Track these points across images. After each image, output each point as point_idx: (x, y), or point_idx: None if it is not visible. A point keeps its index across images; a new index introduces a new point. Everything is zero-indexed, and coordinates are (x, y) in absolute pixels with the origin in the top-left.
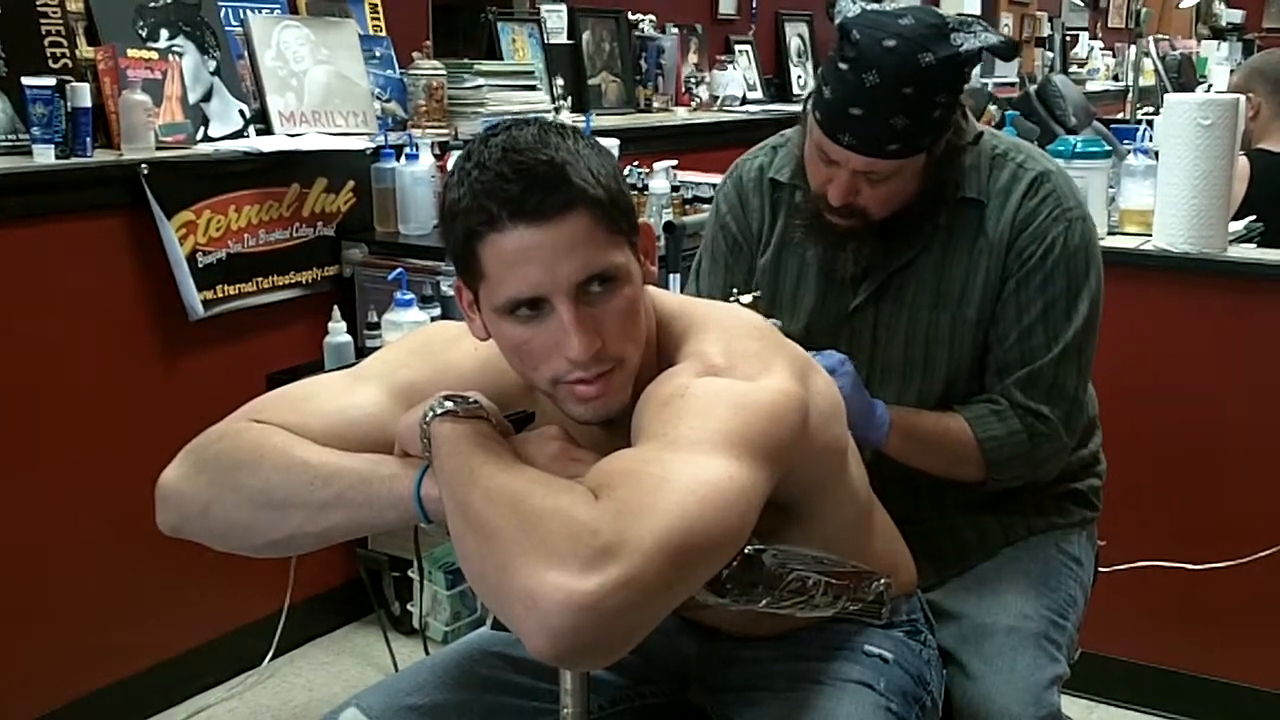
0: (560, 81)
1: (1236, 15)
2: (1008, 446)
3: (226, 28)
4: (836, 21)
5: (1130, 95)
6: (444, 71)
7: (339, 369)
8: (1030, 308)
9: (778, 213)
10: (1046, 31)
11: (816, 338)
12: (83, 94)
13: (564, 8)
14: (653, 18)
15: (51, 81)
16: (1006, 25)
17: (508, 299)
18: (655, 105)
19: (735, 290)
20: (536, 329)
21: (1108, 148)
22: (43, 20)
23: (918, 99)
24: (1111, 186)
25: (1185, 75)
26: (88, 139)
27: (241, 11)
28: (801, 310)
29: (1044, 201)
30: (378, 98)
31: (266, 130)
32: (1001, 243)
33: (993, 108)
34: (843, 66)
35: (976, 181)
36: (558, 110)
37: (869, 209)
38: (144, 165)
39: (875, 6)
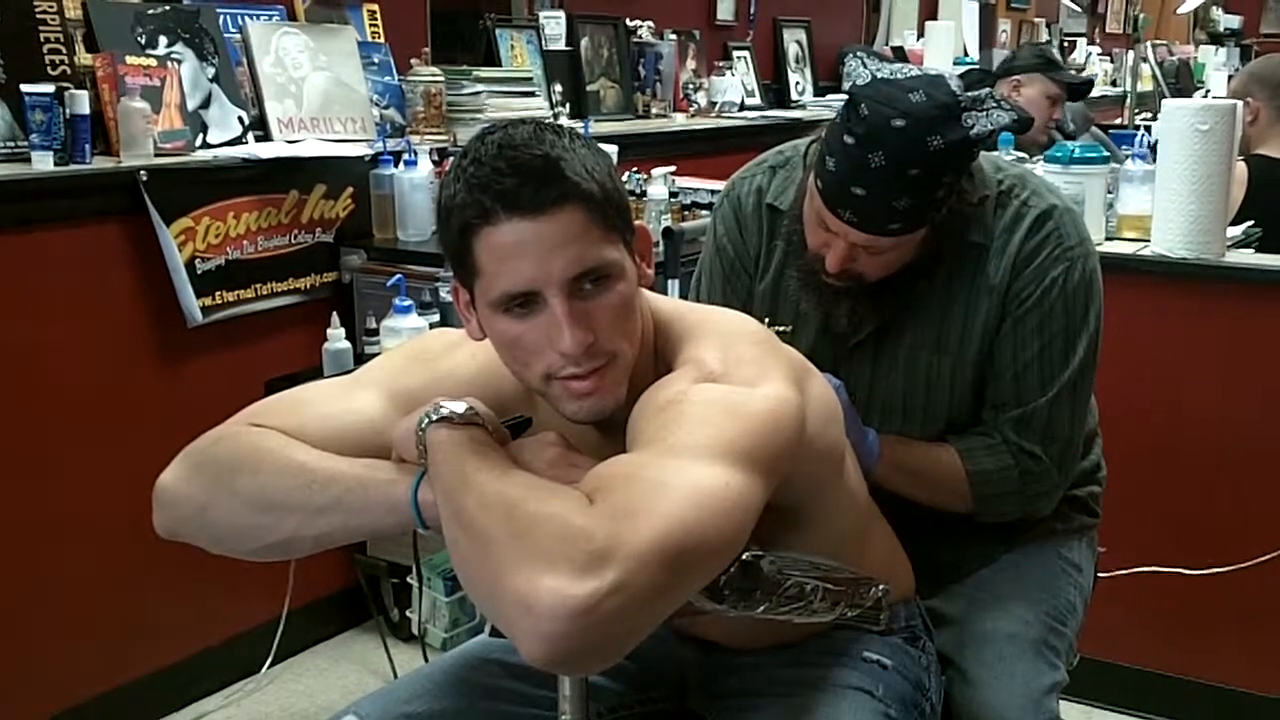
0: (559, 88)
1: (1234, 21)
2: (996, 482)
3: (225, 35)
4: (845, 86)
5: (1128, 101)
6: (442, 78)
7: (337, 375)
8: (1026, 348)
9: (775, 238)
10: (1044, 37)
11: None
12: (81, 101)
13: (562, 14)
14: (651, 24)
15: (50, 89)
16: (1004, 32)
17: (502, 293)
18: (654, 111)
19: (766, 320)
20: (529, 324)
21: (1106, 153)
22: (41, 28)
23: (923, 180)
24: (1110, 192)
25: (1183, 80)
26: (86, 146)
27: (240, 18)
28: (801, 342)
29: (1045, 240)
30: (376, 104)
31: (265, 137)
32: (1002, 284)
33: None
34: (848, 140)
35: (981, 224)
36: (556, 116)
37: (866, 274)
38: (143, 172)
39: (886, 74)
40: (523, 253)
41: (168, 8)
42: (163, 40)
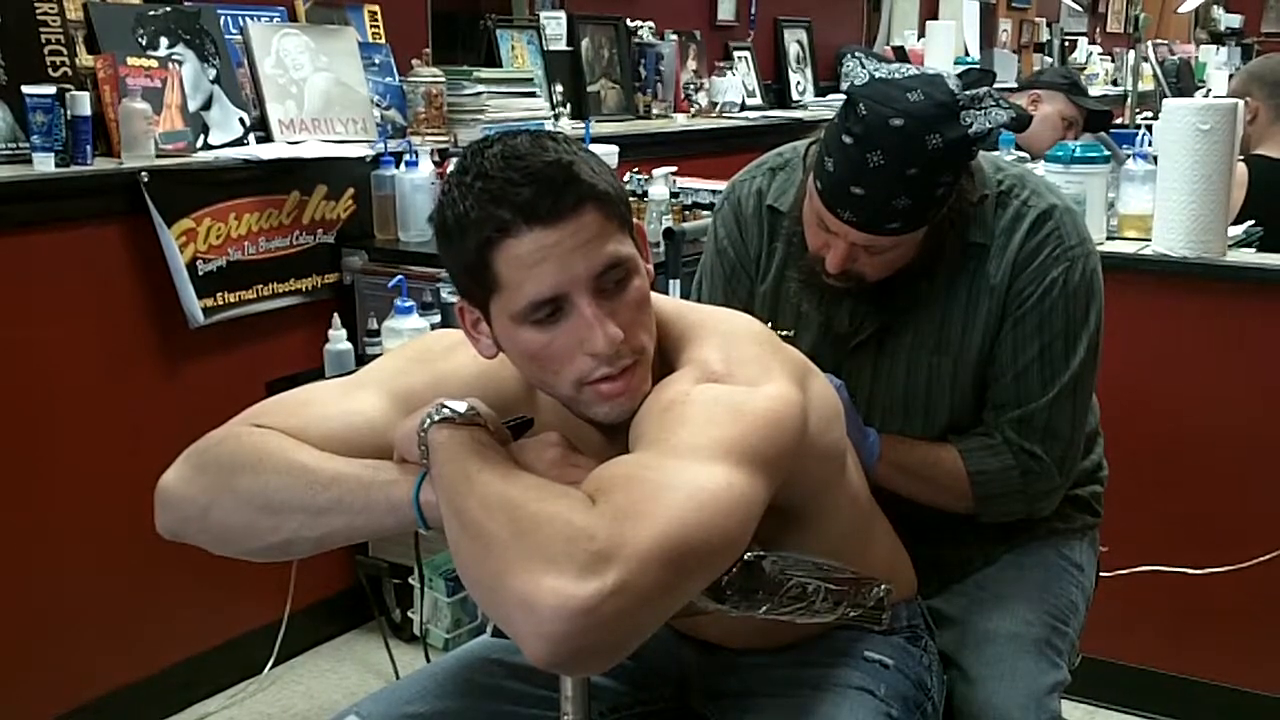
0: (559, 88)
1: (1235, 20)
2: (998, 482)
3: (226, 36)
4: (844, 87)
5: (1129, 100)
6: (443, 79)
7: (339, 376)
8: (1026, 349)
9: (775, 240)
10: (1045, 37)
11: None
12: (83, 102)
13: (563, 14)
14: (651, 24)
15: (51, 90)
16: (1005, 31)
17: (528, 302)
18: (654, 112)
19: (769, 323)
20: (556, 331)
21: (1107, 153)
22: (42, 29)
23: (922, 179)
24: (1111, 192)
25: (1184, 80)
26: (88, 147)
27: (241, 19)
28: (802, 342)
29: (1046, 240)
30: (377, 105)
31: (266, 138)
32: (1002, 284)
33: None
34: (847, 140)
35: (981, 224)
36: (557, 117)
37: (866, 274)
38: (144, 173)
39: (884, 74)
40: (546, 260)
41: (169, 9)
42: (164, 41)
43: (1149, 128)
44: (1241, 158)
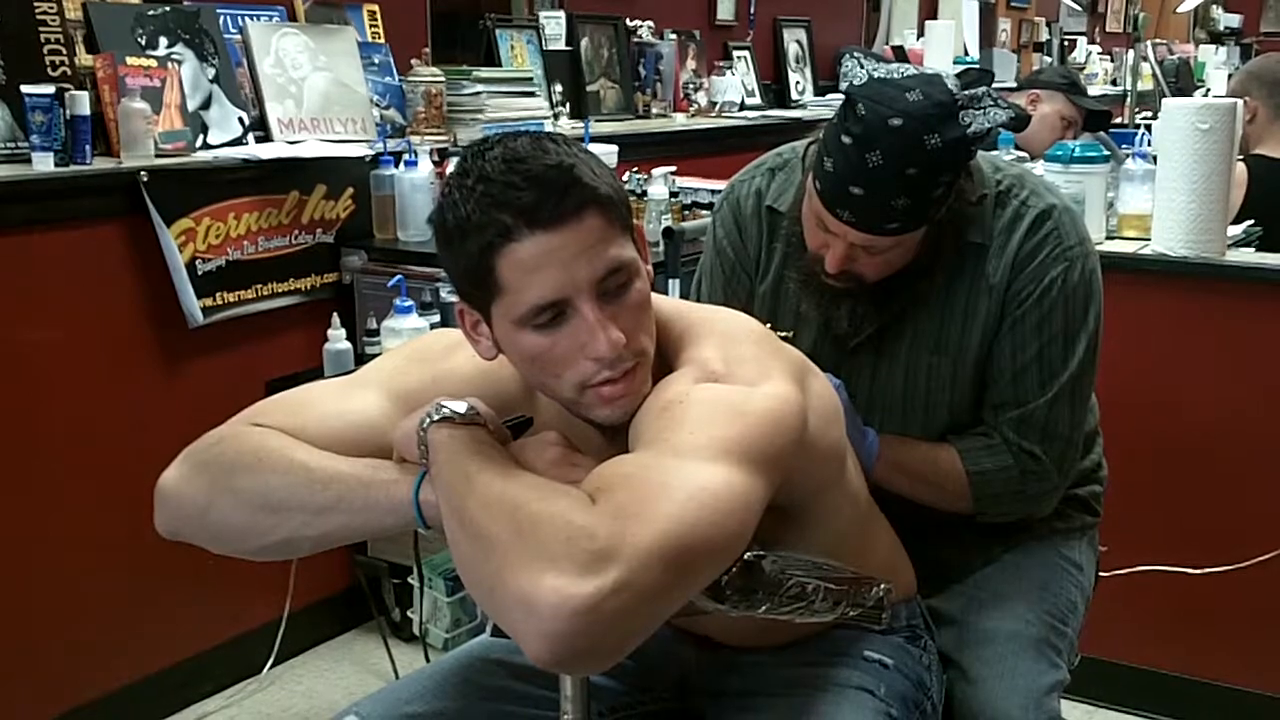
0: (559, 88)
1: (1234, 20)
2: (996, 482)
3: (225, 35)
4: (842, 87)
5: (1128, 100)
6: (443, 78)
7: (338, 376)
8: (1025, 348)
9: (775, 240)
10: (1045, 36)
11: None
12: (82, 102)
13: (562, 14)
14: (651, 24)
15: (51, 89)
16: (1005, 31)
17: (530, 306)
18: (654, 111)
19: (768, 324)
20: (558, 335)
21: (1106, 152)
22: (42, 29)
23: (921, 179)
24: (1110, 191)
25: (1183, 80)
26: (87, 147)
27: (240, 19)
28: (801, 343)
29: (1045, 240)
30: (376, 105)
31: (265, 137)
32: (1001, 284)
33: None
34: (846, 140)
35: (980, 224)
36: (556, 117)
37: (865, 275)
38: (143, 173)
39: (883, 74)
40: (548, 264)
41: (168, 8)
42: (163, 41)
43: (1148, 127)
44: (1241, 157)
